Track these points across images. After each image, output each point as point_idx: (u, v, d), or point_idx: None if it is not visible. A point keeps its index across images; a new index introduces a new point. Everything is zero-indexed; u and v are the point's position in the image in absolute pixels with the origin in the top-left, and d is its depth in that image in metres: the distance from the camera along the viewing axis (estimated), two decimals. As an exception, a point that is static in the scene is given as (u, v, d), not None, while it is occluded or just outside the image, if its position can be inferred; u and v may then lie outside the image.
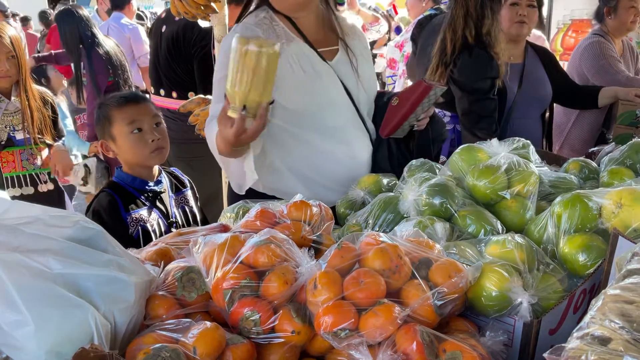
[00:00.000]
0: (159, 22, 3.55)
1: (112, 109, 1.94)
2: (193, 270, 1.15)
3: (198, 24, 3.22)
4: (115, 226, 1.83)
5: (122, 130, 1.91)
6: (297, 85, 1.87)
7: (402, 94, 1.94)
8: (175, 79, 3.41)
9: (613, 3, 3.36)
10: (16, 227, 1.05)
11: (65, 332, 0.95)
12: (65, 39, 4.15)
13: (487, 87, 2.61)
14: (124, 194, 1.92)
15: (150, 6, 14.71)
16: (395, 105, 1.92)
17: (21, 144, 2.80)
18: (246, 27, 1.88)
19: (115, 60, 4.16)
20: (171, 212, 2.01)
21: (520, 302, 1.07)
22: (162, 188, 2.01)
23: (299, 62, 1.87)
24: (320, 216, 1.29)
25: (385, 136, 1.98)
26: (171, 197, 2.04)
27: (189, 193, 2.13)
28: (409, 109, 1.88)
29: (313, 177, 1.94)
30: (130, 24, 5.83)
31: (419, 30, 3.27)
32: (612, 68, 3.28)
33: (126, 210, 1.88)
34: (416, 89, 1.86)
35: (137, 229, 1.88)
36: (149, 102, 2.03)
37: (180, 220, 2.03)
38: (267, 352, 1.04)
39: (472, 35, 2.63)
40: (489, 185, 1.42)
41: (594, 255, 1.21)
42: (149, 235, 1.89)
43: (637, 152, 1.63)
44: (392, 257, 1.06)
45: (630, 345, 0.70)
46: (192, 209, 2.11)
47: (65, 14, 4.18)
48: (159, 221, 1.95)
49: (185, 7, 2.58)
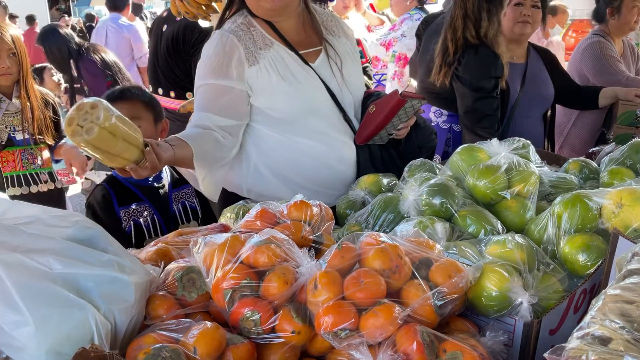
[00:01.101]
0: (160, 21, 3.55)
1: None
2: (193, 270, 1.15)
3: (199, 25, 3.21)
4: (108, 220, 1.84)
5: None
6: (277, 93, 1.86)
7: (380, 102, 1.90)
8: (174, 78, 3.41)
9: (616, 3, 3.35)
10: (16, 227, 1.05)
11: (65, 332, 0.95)
12: (54, 56, 4.17)
13: (491, 87, 2.61)
14: (121, 188, 1.91)
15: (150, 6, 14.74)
16: (372, 113, 1.90)
17: (21, 144, 2.80)
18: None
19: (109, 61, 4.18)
20: (170, 207, 2.00)
21: (520, 302, 1.07)
22: (161, 183, 2.01)
23: (277, 70, 1.85)
24: (320, 216, 1.29)
25: (360, 143, 1.95)
26: (171, 193, 2.03)
27: (191, 188, 2.10)
28: (383, 120, 1.86)
29: (298, 181, 1.92)
30: (129, 24, 5.83)
31: (424, 26, 3.27)
32: (612, 68, 3.28)
33: (120, 205, 1.88)
34: (390, 100, 1.84)
35: (129, 223, 1.88)
36: (142, 97, 1.99)
37: (178, 215, 2.02)
38: (267, 352, 1.04)
39: (472, 36, 2.63)
40: (489, 185, 1.42)
41: (594, 255, 1.21)
42: (141, 230, 1.89)
43: (637, 152, 1.63)
44: (392, 257, 1.06)
45: (631, 345, 0.70)
46: (192, 204, 2.09)
47: (50, 33, 4.20)
48: (154, 216, 1.94)
49: (186, 6, 2.58)
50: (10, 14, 10.66)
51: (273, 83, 1.84)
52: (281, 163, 1.92)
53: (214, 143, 1.79)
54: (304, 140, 1.90)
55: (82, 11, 14.90)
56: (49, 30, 4.25)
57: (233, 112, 1.83)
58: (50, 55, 4.21)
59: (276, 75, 1.84)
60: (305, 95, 1.89)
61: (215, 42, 1.86)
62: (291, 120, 1.89)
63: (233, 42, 1.83)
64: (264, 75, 1.83)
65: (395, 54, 4.41)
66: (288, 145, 1.90)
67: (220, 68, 1.82)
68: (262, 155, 1.92)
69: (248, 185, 1.95)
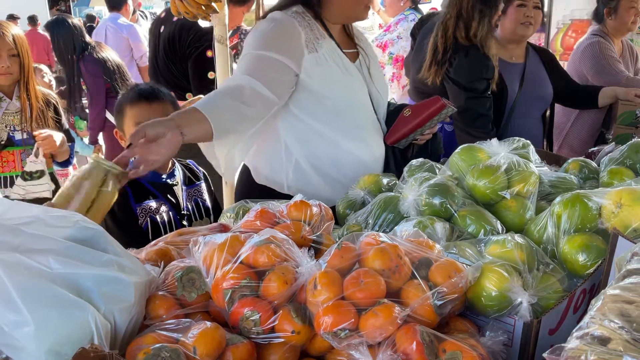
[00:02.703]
0: (157, 23, 3.56)
1: (125, 104, 1.92)
2: (193, 270, 1.15)
3: (196, 25, 3.22)
4: (124, 217, 1.83)
5: (130, 129, 1.89)
6: (336, 82, 1.92)
7: (416, 106, 1.99)
8: (173, 79, 3.42)
9: (613, 4, 3.36)
10: (16, 227, 1.05)
11: (65, 332, 0.95)
12: (59, 48, 4.15)
13: (483, 88, 2.62)
14: (136, 185, 1.90)
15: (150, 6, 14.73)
16: (407, 116, 1.98)
17: (20, 144, 2.79)
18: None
19: (111, 65, 4.16)
20: (183, 204, 1.99)
21: (520, 302, 1.07)
22: (174, 181, 2.00)
23: (333, 59, 1.92)
24: (320, 216, 1.29)
25: (390, 144, 2.03)
26: (184, 190, 2.03)
27: (203, 186, 2.12)
28: (419, 122, 1.94)
29: (337, 177, 1.97)
30: (128, 24, 5.83)
31: (419, 25, 3.28)
32: (612, 68, 3.28)
33: (136, 202, 1.87)
34: (432, 105, 1.93)
35: (146, 220, 1.87)
36: (165, 99, 1.97)
37: (192, 212, 2.02)
38: (267, 352, 1.04)
39: (462, 37, 2.64)
40: (489, 185, 1.43)
41: (594, 255, 1.21)
42: (157, 227, 1.89)
43: (637, 152, 1.63)
44: (392, 257, 1.06)
45: (630, 345, 0.70)
46: (205, 202, 2.09)
47: (59, 23, 4.17)
48: (169, 213, 1.93)
49: (185, 7, 2.58)
50: (11, 14, 10.65)
51: (333, 72, 1.91)
52: (324, 159, 1.97)
53: (237, 115, 1.74)
54: (345, 136, 1.96)
55: (82, 11, 14.89)
56: (58, 21, 4.22)
57: (276, 88, 1.83)
58: (55, 47, 4.19)
59: (335, 66, 1.92)
60: (355, 88, 1.98)
61: (276, 19, 1.90)
62: (341, 111, 1.94)
63: (295, 25, 1.88)
64: (324, 64, 1.89)
65: (393, 56, 4.41)
66: (330, 139, 1.95)
67: (277, 43, 1.85)
68: (305, 150, 1.96)
69: (289, 182, 1.97)
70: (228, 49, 2.78)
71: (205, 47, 3.31)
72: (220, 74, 2.81)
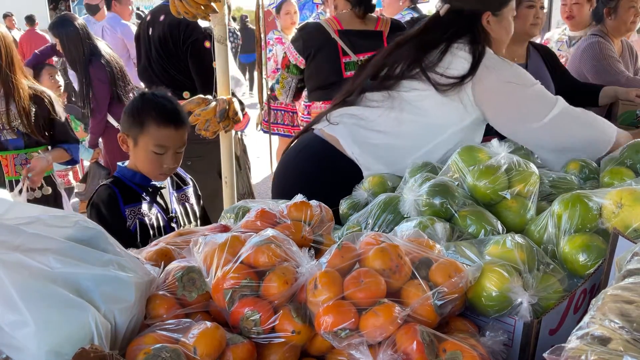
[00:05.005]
0: (145, 26, 3.46)
1: (150, 121, 1.88)
2: (193, 270, 1.15)
3: (184, 21, 3.09)
4: (113, 220, 1.85)
5: (147, 144, 1.89)
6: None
7: None
8: (170, 79, 3.36)
9: (613, 3, 3.36)
10: (16, 227, 1.04)
11: (65, 332, 0.95)
12: (70, 53, 4.01)
13: None
14: (125, 188, 1.93)
15: (150, 6, 14.70)
16: None
17: (13, 148, 2.76)
18: None
19: (115, 69, 4.09)
20: (171, 207, 2.03)
21: (520, 302, 1.07)
22: (162, 184, 2.03)
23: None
24: (320, 216, 1.29)
25: None
26: (172, 194, 2.06)
27: (190, 191, 2.15)
28: None
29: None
30: (123, 23, 5.80)
31: (409, 26, 3.28)
32: (612, 68, 3.28)
33: (125, 204, 1.89)
34: None
35: (134, 222, 1.89)
36: (186, 124, 1.99)
37: (180, 215, 2.05)
38: (267, 352, 1.04)
39: None
40: (489, 185, 1.42)
41: (594, 255, 1.21)
42: (146, 229, 1.90)
43: (637, 152, 1.63)
44: (392, 257, 1.06)
45: (630, 345, 0.70)
46: (192, 206, 2.13)
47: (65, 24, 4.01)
48: (157, 216, 1.96)
49: (185, 6, 2.57)
50: (5, 13, 10.60)
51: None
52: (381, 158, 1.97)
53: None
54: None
55: (82, 11, 14.89)
56: (66, 21, 4.05)
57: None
58: (66, 50, 4.02)
59: None
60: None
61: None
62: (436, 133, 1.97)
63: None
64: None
65: None
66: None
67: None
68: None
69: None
70: (228, 49, 2.78)
71: (200, 40, 3.27)
72: (220, 74, 2.80)
